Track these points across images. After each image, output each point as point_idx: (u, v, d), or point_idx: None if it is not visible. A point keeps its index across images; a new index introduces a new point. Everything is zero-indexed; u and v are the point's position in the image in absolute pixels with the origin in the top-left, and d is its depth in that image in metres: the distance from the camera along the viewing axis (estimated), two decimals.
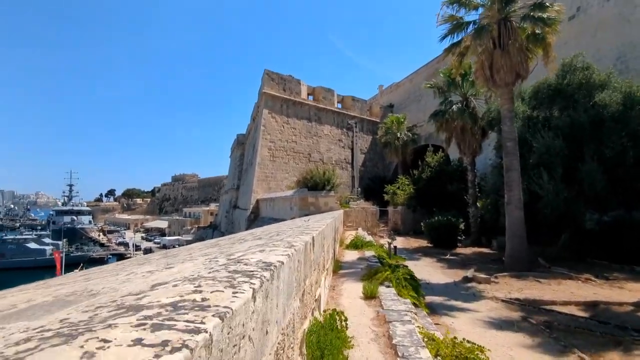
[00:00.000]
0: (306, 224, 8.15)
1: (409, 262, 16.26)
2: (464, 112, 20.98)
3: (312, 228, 5.80)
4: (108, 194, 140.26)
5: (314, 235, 4.41)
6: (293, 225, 7.51)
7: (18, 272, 46.30)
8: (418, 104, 44.44)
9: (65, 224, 69.42)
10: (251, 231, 8.67)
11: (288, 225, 8.14)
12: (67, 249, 56.15)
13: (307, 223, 8.72)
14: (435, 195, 27.86)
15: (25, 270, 48.35)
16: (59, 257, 34.84)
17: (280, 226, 8.64)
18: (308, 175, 25.36)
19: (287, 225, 8.23)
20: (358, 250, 14.39)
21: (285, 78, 38.17)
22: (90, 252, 57.74)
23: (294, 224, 8.94)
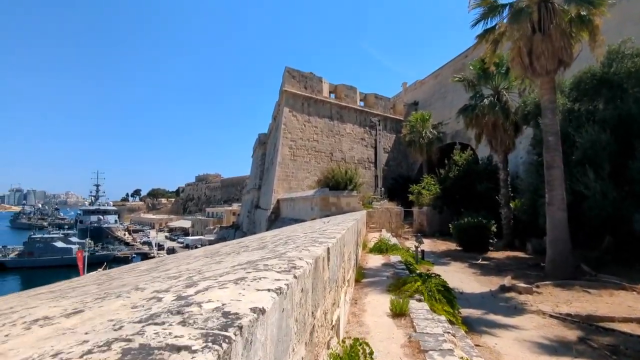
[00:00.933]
0: (325, 226, 7.13)
1: (437, 267, 15.02)
2: (495, 107, 19.49)
3: (330, 234, 4.77)
4: (134, 193, 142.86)
5: (329, 245, 3.37)
6: (309, 230, 6.48)
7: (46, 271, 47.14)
8: (444, 100, 42.75)
9: (92, 224, 70.66)
10: (260, 235, 7.70)
11: (303, 229, 7.13)
12: (93, 247, 57.03)
13: (325, 226, 7.72)
14: (463, 196, 26.38)
15: (53, 268, 49.19)
16: (81, 256, 34.88)
17: (295, 230, 7.64)
18: (329, 174, 24.32)
19: (302, 229, 7.23)
20: (382, 255, 13.25)
21: (306, 75, 37.23)
22: (115, 251, 58.32)
23: (311, 227, 7.93)
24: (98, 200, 78.10)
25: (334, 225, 7.58)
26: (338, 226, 6.94)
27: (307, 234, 5.16)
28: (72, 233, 61.70)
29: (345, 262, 5.65)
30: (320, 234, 4.87)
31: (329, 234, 4.66)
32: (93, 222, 72.10)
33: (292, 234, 5.69)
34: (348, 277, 6.20)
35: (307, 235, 4.80)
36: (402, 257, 13.06)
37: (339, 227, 6.70)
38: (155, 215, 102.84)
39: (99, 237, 66.81)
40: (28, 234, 57.85)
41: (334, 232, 5.20)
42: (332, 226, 6.74)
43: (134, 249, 62.61)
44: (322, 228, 6.47)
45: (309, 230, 6.15)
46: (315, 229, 6.41)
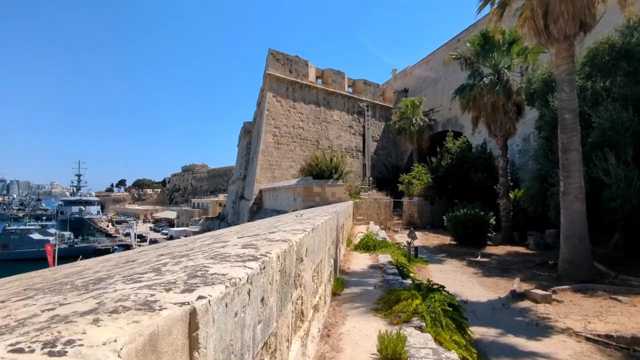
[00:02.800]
0: (279, 224, 4.97)
1: (432, 265, 12.95)
2: (496, 86, 17.34)
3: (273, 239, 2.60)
4: (119, 184, 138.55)
5: (248, 273, 1.15)
6: (252, 231, 4.26)
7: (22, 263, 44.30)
8: (435, 87, 40.60)
9: (73, 214, 67.58)
10: (201, 236, 5.45)
11: (257, 227, 4.93)
12: (72, 239, 54.21)
13: (283, 224, 5.58)
14: (457, 186, 24.41)
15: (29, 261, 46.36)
16: (51, 250, 32.22)
17: (243, 228, 5.47)
18: (313, 161, 22.06)
19: (256, 227, 5.03)
20: (370, 253, 11.08)
21: (291, 59, 34.68)
22: (96, 243, 55.57)
23: (267, 225, 5.74)
24: (80, 190, 74.79)
25: (307, 219, 5.42)
26: (308, 221, 4.78)
27: (245, 238, 2.97)
28: (50, 224, 58.69)
29: (318, 278, 3.49)
30: (266, 236, 2.74)
31: (272, 240, 2.50)
32: (74, 213, 68.94)
33: (224, 238, 3.46)
34: (315, 302, 4.01)
35: (239, 242, 2.61)
36: (392, 255, 10.93)
37: (309, 222, 4.53)
38: (141, 206, 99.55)
39: (81, 229, 63.77)
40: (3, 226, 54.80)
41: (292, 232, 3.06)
42: (289, 225, 4.50)
43: (116, 241, 59.88)
44: (278, 226, 4.27)
45: (251, 232, 3.92)
46: (270, 227, 4.22)
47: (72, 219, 66.12)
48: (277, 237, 2.71)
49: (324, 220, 4.87)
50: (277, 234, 3.05)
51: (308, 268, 3.36)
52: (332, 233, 6.62)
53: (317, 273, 4.16)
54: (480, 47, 18.21)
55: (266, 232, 3.35)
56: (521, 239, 18.34)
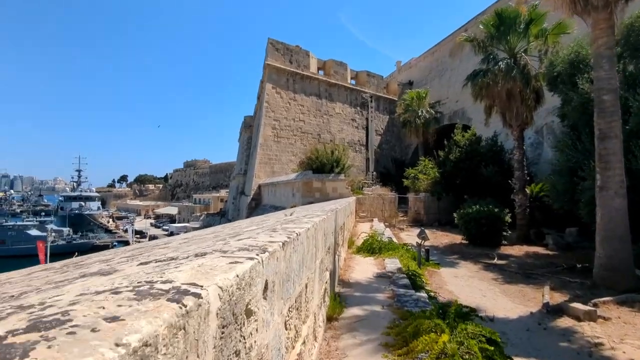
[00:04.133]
0: (274, 223, 3.47)
1: (444, 269, 11.36)
2: (512, 71, 15.65)
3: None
4: (120, 180, 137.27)
5: None
6: (209, 239, 2.71)
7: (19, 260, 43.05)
8: (441, 79, 38.85)
9: (73, 210, 66.40)
10: (177, 237, 3.93)
11: (199, 239, 3.42)
12: (70, 235, 53.03)
13: (284, 218, 4.10)
14: (466, 180, 22.80)
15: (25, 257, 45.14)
16: (42, 247, 30.85)
17: (213, 232, 3.96)
18: (313, 155, 20.48)
19: (197, 240, 3.52)
20: (375, 257, 9.50)
21: (292, 49, 33.02)
22: (95, 239, 54.36)
23: (239, 226, 4.23)
24: (80, 186, 73.58)
25: (300, 218, 3.93)
26: (301, 222, 3.29)
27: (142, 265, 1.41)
28: (48, 220, 57.47)
29: (303, 308, 1.99)
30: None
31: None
32: (74, 209, 67.75)
33: (174, 246, 1.92)
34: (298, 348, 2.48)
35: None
36: (400, 259, 9.37)
37: (302, 223, 3.06)
38: (142, 202, 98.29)
39: (80, 225, 62.59)
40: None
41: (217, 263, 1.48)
42: (259, 231, 2.92)
43: (115, 237, 58.68)
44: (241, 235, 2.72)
45: (168, 252, 2.38)
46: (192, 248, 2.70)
47: (72, 214, 64.96)
48: (181, 281, 1.14)
49: (312, 224, 3.31)
50: (204, 259, 1.49)
51: (270, 321, 1.80)
52: (328, 238, 5.06)
53: (298, 309, 2.60)
54: (495, 28, 16.51)
55: (194, 249, 1.82)
56: (537, 238, 16.73)
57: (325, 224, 4.63)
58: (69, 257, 18.36)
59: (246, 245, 1.74)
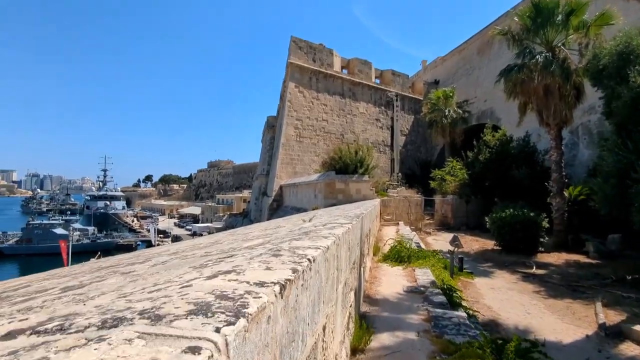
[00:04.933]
0: (285, 234, 2.86)
1: (479, 279, 10.52)
2: (550, 65, 14.63)
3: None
4: (145, 179, 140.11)
5: None
6: (187, 260, 2.05)
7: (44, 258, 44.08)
8: (468, 78, 37.56)
9: (98, 209, 67.82)
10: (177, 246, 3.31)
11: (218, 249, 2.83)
12: (95, 234, 54.02)
13: (300, 227, 3.50)
14: (496, 182, 21.74)
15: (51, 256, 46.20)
16: (64, 247, 31.28)
17: (206, 246, 3.38)
18: (336, 154, 19.89)
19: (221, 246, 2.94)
20: (403, 267, 8.78)
21: (315, 47, 32.51)
22: (118, 238, 55.20)
23: (262, 232, 3.63)
24: (105, 185, 75.21)
25: (317, 227, 3.32)
26: (321, 232, 2.68)
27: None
28: (74, 219, 58.77)
29: None
30: None
31: None
32: (100, 208, 69.20)
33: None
34: None
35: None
36: (432, 269, 8.64)
37: (323, 234, 2.43)
38: (167, 202, 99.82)
39: (106, 224, 63.85)
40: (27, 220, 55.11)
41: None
42: (266, 247, 2.26)
43: (139, 237, 59.51)
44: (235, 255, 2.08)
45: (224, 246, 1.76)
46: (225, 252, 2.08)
47: (97, 213, 66.34)
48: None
49: (333, 240, 2.66)
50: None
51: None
52: (354, 251, 4.43)
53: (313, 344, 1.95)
54: (531, 20, 15.49)
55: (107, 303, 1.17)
56: (575, 245, 15.60)
57: (350, 235, 3.99)
58: (92, 256, 18.28)
59: (212, 299, 0.99)
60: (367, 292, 6.72)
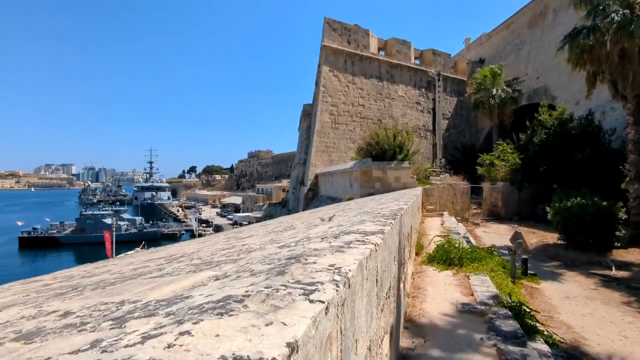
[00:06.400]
0: (313, 234, 1.47)
1: (546, 283, 8.50)
2: (629, 24, 12.00)
3: None
4: (189, 170, 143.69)
5: None
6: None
7: (96, 246, 45.56)
8: (518, 54, 34.08)
9: (145, 200, 69.66)
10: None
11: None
12: (142, 224, 55.32)
13: (317, 231, 1.95)
14: (554, 167, 19.14)
15: (102, 244, 47.68)
16: (109, 237, 31.56)
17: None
18: (373, 140, 18.03)
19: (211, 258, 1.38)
20: (454, 272, 6.95)
21: (350, 28, 30.46)
22: (163, 228, 56.27)
23: (269, 236, 2.13)
24: (152, 177, 77.22)
25: (309, 254, 1.71)
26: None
27: None
28: (123, 209, 60.53)
29: None
30: None
31: None
32: (147, 198, 71.13)
33: None
34: None
35: None
36: (490, 275, 6.79)
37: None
38: (210, 192, 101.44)
39: (152, 214, 65.55)
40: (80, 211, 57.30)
41: None
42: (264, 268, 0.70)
43: (183, 226, 60.44)
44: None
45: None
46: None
47: (144, 204, 68.15)
48: None
49: (355, 266, 1.08)
50: None
51: None
52: (389, 270, 2.79)
53: None
54: None
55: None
56: None
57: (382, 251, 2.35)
58: (136, 246, 17.88)
59: None
60: (409, 313, 5.06)
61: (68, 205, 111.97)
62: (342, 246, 2.02)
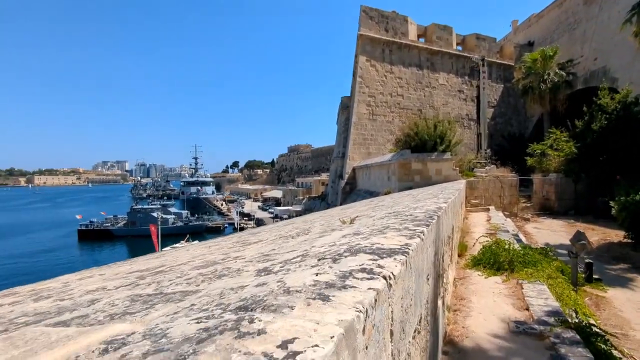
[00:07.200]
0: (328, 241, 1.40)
1: (614, 290, 7.30)
2: None
3: None
4: (232, 165, 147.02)
5: None
6: None
7: (146, 239, 47.46)
8: (572, 34, 31.25)
9: (191, 194, 71.67)
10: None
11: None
12: (188, 217, 56.94)
13: (332, 239, 1.73)
14: (618, 157, 17.12)
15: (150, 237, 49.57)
16: (155, 231, 32.40)
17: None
18: (412, 130, 16.91)
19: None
20: (503, 279, 5.94)
21: (387, 15, 29.12)
22: (208, 221, 57.61)
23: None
24: (197, 172, 79.36)
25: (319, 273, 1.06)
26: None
27: None
28: (170, 204, 62.60)
29: None
30: None
31: None
32: (192, 193, 73.18)
33: None
34: None
35: None
36: (548, 283, 5.74)
37: None
38: (252, 186, 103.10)
39: (198, 207, 67.32)
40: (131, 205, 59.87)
41: None
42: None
43: (226, 219, 61.59)
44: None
45: None
46: None
47: (190, 198, 70.12)
48: None
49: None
50: None
51: None
52: (422, 292, 1.99)
53: None
54: None
55: None
56: None
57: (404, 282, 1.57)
58: (180, 239, 18.46)
59: None
60: (450, 332, 4.21)
61: (121, 200, 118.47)
62: (333, 283, 1.30)
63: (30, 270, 35.29)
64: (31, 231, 60.90)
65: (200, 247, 4.89)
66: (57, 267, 35.53)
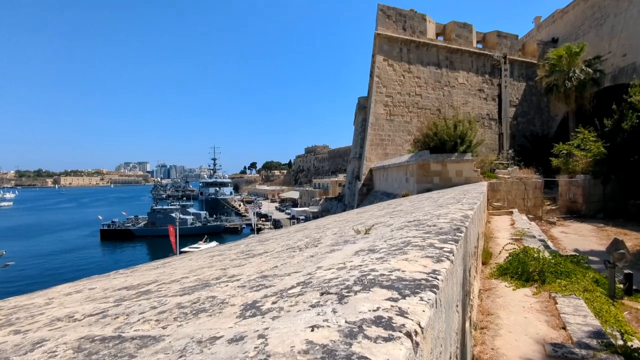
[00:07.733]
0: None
1: None
2: None
3: None
4: (250, 166, 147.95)
5: None
6: None
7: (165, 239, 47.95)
8: (599, 30, 29.98)
9: (210, 195, 72.22)
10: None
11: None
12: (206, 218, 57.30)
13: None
14: None
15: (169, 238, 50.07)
16: (173, 231, 32.55)
17: None
18: (430, 130, 16.32)
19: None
20: (533, 291, 5.42)
21: (405, 14, 28.51)
22: (226, 222, 57.83)
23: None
24: (215, 173, 79.98)
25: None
26: None
27: None
28: (189, 204, 63.22)
29: None
30: None
31: None
32: (211, 193, 73.74)
33: None
34: None
35: None
36: (584, 297, 5.20)
37: None
38: (269, 187, 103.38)
39: (216, 208, 67.75)
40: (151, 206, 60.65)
41: None
42: None
43: (243, 220, 61.75)
44: None
45: None
46: None
47: (209, 199, 70.63)
48: None
49: None
50: None
51: None
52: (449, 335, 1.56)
53: None
54: None
55: None
56: None
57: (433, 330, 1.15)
58: (198, 239, 18.13)
59: None
60: (478, 355, 3.76)
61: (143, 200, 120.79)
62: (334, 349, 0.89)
63: (57, 271, 36.07)
64: (58, 230, 62.58)
65: (203, 257, 4.57)
66: (80, 268, 36.09)
